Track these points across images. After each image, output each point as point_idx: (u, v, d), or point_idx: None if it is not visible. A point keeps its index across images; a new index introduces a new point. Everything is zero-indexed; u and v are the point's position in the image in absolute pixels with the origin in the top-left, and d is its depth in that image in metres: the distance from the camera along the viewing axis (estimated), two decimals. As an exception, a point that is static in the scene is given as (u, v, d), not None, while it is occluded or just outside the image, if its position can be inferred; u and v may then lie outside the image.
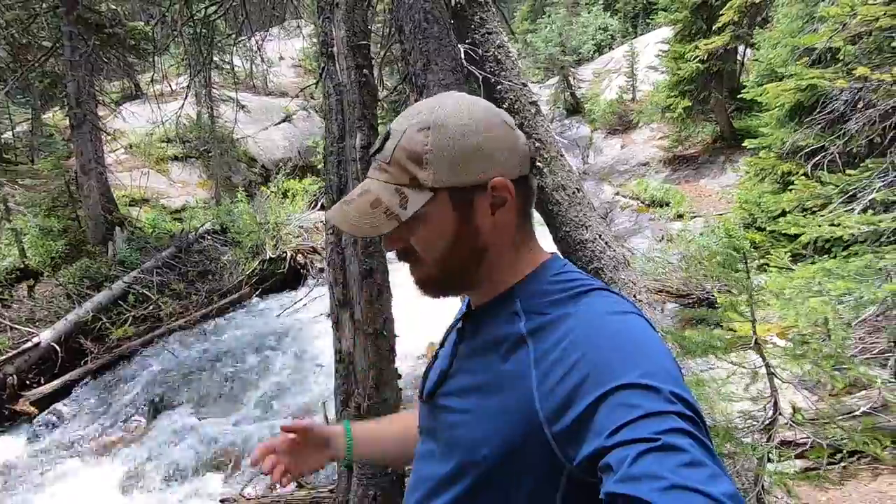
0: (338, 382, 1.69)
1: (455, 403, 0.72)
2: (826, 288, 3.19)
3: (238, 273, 7.97)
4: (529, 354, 0.64)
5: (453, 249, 0.69)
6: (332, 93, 1.78)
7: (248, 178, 11.96)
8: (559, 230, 3.50)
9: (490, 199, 0.68)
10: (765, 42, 8.04)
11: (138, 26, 8.31)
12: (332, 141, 1.77)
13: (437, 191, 0.66)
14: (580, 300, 0.66)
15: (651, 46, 15.60)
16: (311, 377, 5.85)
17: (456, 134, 0.66)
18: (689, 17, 10.89)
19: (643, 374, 0.54)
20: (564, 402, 0.57)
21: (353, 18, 1.87)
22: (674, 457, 0.48)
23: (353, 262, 1.67)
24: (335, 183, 1.74)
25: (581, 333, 0.61)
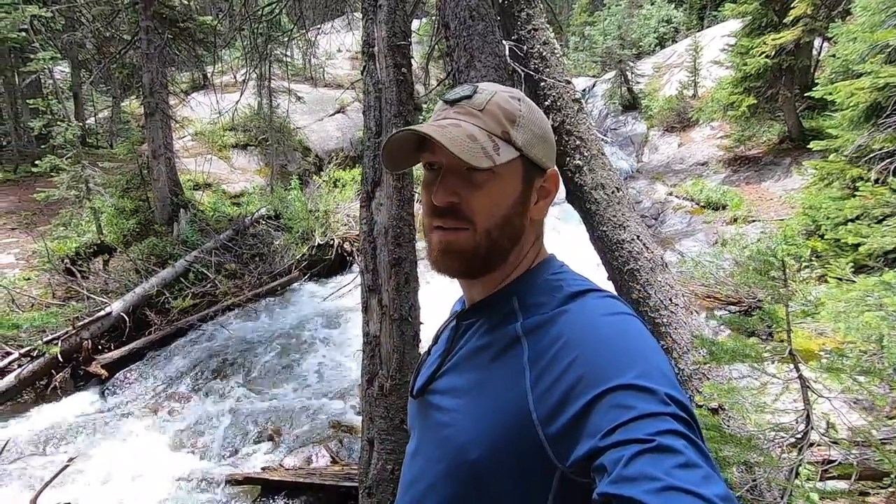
0: (364, 363, 1.80)
1: (446, 402, 0.71)
2: (883, 302, 3.01)
3: (288, 257, 8.35)
4: (524, 355, 0.63)
5: (507, 222, 0.69)
6: (371, 90, 1.89)
7: (302, 167, 12.44)
8: (596, 229, 3.48)
9: (541, 187, 0.71)
10: (842, 37, 7.48)
11: (207, 20, 8.80)
12: (370, 136, 1.87)
13: (521, 154, 0.68)
14: (575, 301, 0.66)
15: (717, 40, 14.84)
16: (351, 360, 6.09)
17: (537, 114, 0.71)
18: (760, 10, 10.28)
19: (638, 375, 0.54)
20: (559, 403, 0.57)
21: (394, 19, 1.95)
22: (668, 458, 0.48)
23: (384, 251, 1.78)
24: (370, 176, 1.84)
25: (576, 334, 0.61)
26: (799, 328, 2.35)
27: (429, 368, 0.79)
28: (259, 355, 6.19)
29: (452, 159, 0.66)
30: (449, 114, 0.71)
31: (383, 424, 1.71)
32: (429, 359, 0.82)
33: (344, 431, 4.76)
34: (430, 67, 7.76)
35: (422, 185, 0.75)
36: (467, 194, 0.68)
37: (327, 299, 7.75)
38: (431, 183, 0.70)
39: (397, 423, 1.71)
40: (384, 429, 1.71)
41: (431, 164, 0.71)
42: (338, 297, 7.82)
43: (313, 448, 4.48)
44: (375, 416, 1.73)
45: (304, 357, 6.21)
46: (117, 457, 4.41)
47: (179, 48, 8.88)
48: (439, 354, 0.78)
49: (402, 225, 1.80)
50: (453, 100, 0.71)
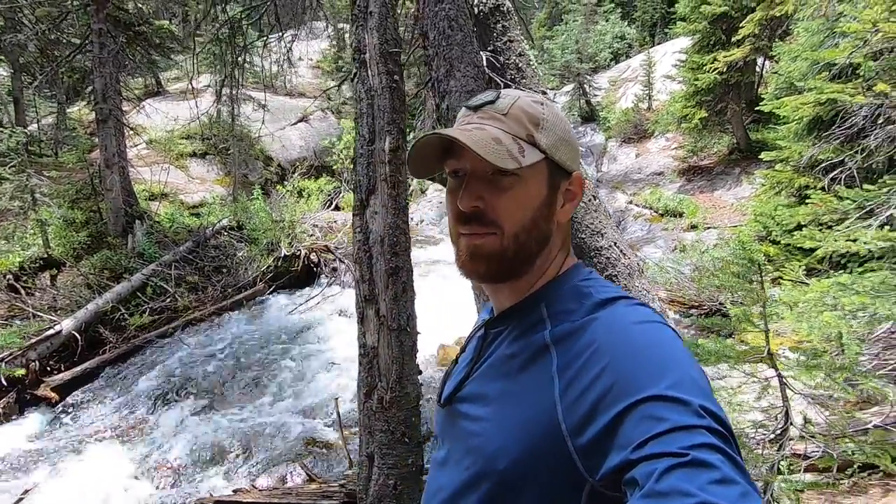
0: (361, 375, 1.75)
1: (474, 411, 0.70)
2: (840, 302, 3.20)
3: (253, 269, 8.10)
4: (553, 364, 0.62)
5: (534, 225, 0.68)
6: (363, 97, 1.86)
7: (264, 177, 12.14)
8: (574, 236, 3.55)
9: (566, 190, 0.71)
10: (784, 55, 8.01)
11: (164, 25, 8.50)
12: (363, 143, 1.84)
13: (546, 157, 0.68)
14: (605, 308, 0.64)
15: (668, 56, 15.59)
16: (323, 374, 5.93)
17: (561, 118, 0.71)
18: (709, 28, 10.89)
19: (670, 385, 0.52)
20: (588, 414, 0.56)
21: (386, 26, 1.94)
22: (703, 473, 0.46)
23: (380, 261, 1.74)
24: (364, 184, 1.81)
25: (606, 343, 0.59)
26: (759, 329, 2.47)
27: (457, 376, 0.78)
28: (224, 372, 5.94)
29: (478, 162, 0.66)
30: (472, 119, 0.71)
31: (384, 438, 1.66)
32: (456, 367, 0.81)
33: (319, 447, 4.61)
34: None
35: (447, 192, 0.74)
36: (493, 199, 0.68)
37: (295, 312, 7.55)
38: (456, 189, 0.70)
39: (398, 436, 1.67)
40: (385, 443, 1.66)
41: (456, 171, 0.71)
42: (306, 310, 7.63)
43: (287, 466, 4.31)
44: (375, 429, 1.68)
45: (272, 372, 6.00)
46: (72, 487, 4.10)
47: (134, 52, 8.52)
48: (467, 362, 0.77)
49: (398, 233, 1.77)
50: (477, 105, 0.72)
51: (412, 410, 1.71)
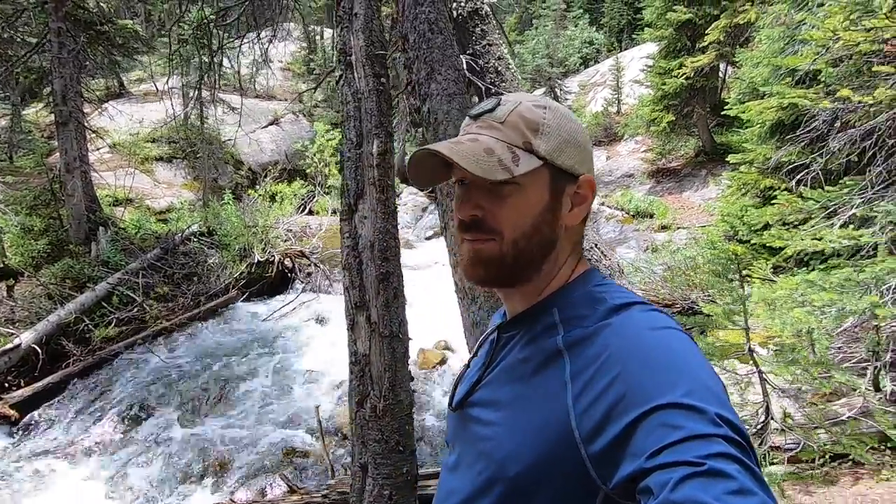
0: (353, 384, 1.71)
1: (486, 415, 0.69)
2: (810, 299, 3.33)
3: (225, 276, 7.88)
4: (566, 369, 0.61)
5: (535, 231, 0.68)
6: (349, 100, 1.82)
7: (234, 181, 11.86)
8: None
9: (572, 194, 0.70)
10: (747, 61, 8.32)
11: (128, 24, 8.21)
12: (350, 147, 1.81)
13: (545, 162, 0.67)
14: (620, 313, 0.64)
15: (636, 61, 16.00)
16: (300, 382, 5.81)
17: (565, 121, 0.70)
18: (674, 35, 11.22)
19: (686, 393, 0.52)
20: (602, 421, 0.55)
21: (371, 28, 1.92)
22: (720, 483, 0.45)
23: (370, 266, 1.71)
24: (353, 188, 1.78)
25: (620, 348, 0.59)
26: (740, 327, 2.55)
27: (469, 381, 0.77)
28: (197, 383, 5.74)
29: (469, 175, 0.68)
30: (472, 128, 0.71)
31: (378, 448, 1.63)
32: (468, 371, 0.80)
33: (299, 457, 4.51)
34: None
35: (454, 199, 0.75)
36: (492, 207, 0.68)
37: (269, 319, 7.38)
38: (460, 198, 0.71)
39: (393, 445, 1.63)
40: (379, 452, 1.62)
41: (461, 179, 0.71)
42: (281, 317, 7.47)
43: (267, 478, 4.20)
44: (369, 439, 1.64)
45: (247, 382, 5.84)
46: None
47: (95, 53, 8.19)
48: (479, 367, 0.76)
49: (388, 238, 1.74)
50: (476, 114, 0.72)
51: (406, 418, 1.68)
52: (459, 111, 3.35)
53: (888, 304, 3.18)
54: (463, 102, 3.37)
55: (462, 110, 3.32)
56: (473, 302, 3.39)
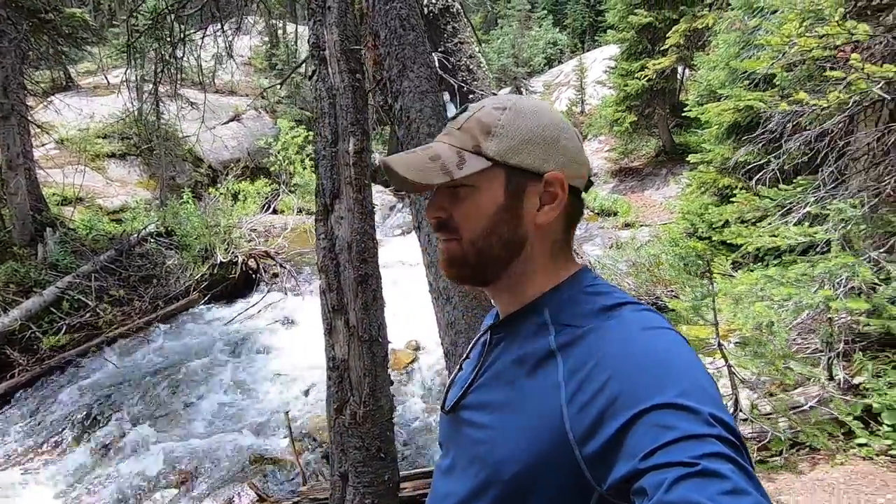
0: (331, 390, 1.65)
1: (479, 418, 0.69)
2: (769, 294, 3.47)
3: (185, 278, 7.57)
4: (559, 370, 0.61)
5: (492, 231, 0.68)
6: (324, 96, 1.76)
7: (193, 179, 11.42)
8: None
9: (541, 192, 0.68)
10: (704, 64, 8.62)
11: (76, 13, 7.75)
12: (325, 145, 1.74)
13: (495, 163, 0.67)
14: (612, 314, 0.63)
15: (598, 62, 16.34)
16: (268, 386, 5.65)
17: (529, 119, 0.68)
18: (636, 38, 11.53)
19: (679, 393, 0.52)
20: (595, 422, 0.55)
21: (346, 22, 1.85)
22: (714, 483, 0.45)
23: (348, 269, 1.65)
24: (328, 188, 1.71)
25: (613, 349, 0.58)
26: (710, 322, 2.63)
27: (461, 383, 0.76)
28: (157, 390, 5.49)
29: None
30: (439, 136, 0.74)
31: (358, 456, 1.57)
32: (461, 373, 0.79)
33: (269, 464, 4.37)
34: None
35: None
36: (453, 208, 0.70)
37: (234, 322, 7.14)
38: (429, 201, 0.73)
39: (374, 451, 1.58)
40: (360, 460, 1.57)
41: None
42: (246, 319, 7.24)
43: (234, 487, 4.05)
44: (349, 447, 1.59)
45: (210, 387, 5.63)
46: (-21, 531, 3.62)
47: (40, 42, 7.70)
48: (472, 369, 0.75)
49: (366, 239, 1.69)
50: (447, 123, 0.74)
51: (387, 424, 1.64)
52: (432, 109, 3.31)
53: (840, 297, 3.35)
54: (436, 100, 3.34)
55: (435, 108, 3.28)
56: (448, 302, 3.36)
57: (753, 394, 2.76)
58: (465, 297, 3.24)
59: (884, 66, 2.99)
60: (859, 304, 2.99)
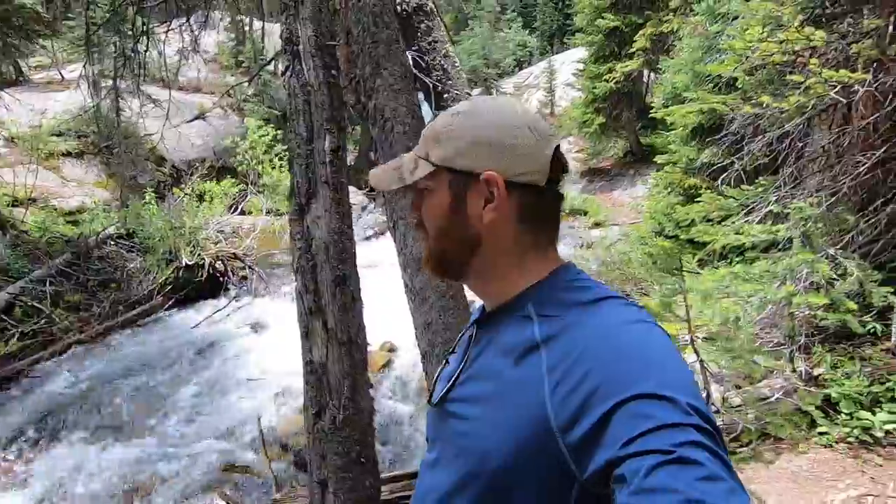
0: (310, 395, 1.60)
1: (464, 410, 0.70)
2: (735, 290, 3.59)
3: (149, 282, 7.29)
4: (542, 362, 0.62)
5: (446, 230, 0.73)
6: (298, 93, 1.71)
7: (156, 179, 11.01)
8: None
9: (484, 193, 0.69)
10: (669, 68, 8.87)
11: (26, 4, 7.37)
12: (300, 143, 1.69)
13: (437, 168, 0.71)
14: (594, 307, 0.65)
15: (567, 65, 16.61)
16: (237, 392, 5.49)
17: (475, 123, 0.70)
18: (604, 41, 11.76)
19: (658, 384, 0.53)
20: (577, 412, 0.56)
21: (321, 17, 1.81)
22: (690, 470, 0.47)
23: (325, 269, 1.60)
24: (304, 187, 1.66)
25: (595, 341, 0.60)
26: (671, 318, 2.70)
27: (447, 377, 0.78)
28: (121, 398, 5.26)
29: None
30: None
31: (339, 462, 1.53)
32: (447, 367, 0.81)
33: (239, 472, 4.25)
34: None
35: None
36: (421, 210, 0.76)
37: (200, 326, 6.92)
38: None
39: (354, 457, 1.54)
40: (340, 466, 1.53)
41: None
42: (213, 324, 7.03)
43: (204, 497, 3.92)
44: (329, 452, 1.54)
45: (177, 394, 5.43)
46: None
47: (-13, 34, 7.27)
48: (458, 363, 0.77)
49: (344, 239, 1.64)
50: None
51: (367, 428, 1.60)
52: (407, 108, 3.27)
53: (801, 293, 3.50)
54: (411, 100, 3.30)
55: (409, 107, 3.25)
56: (424, 302, 3.33)
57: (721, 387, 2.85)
58: (442, 297, 3.21)
59: (839, 71, 3.13)
60: (819, 298, 3.13)
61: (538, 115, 0.75)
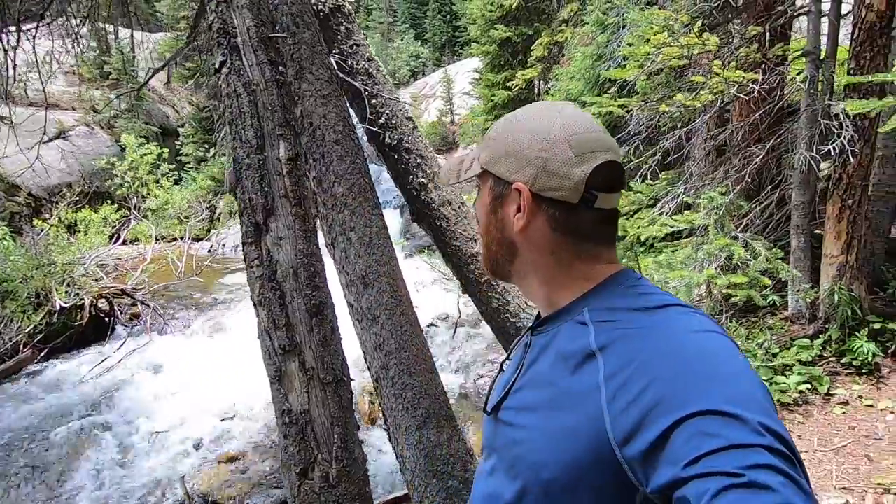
0: (291, 450, 1.31)
1: (519, 419, 0.69)
2: (665, 277, 3.80)
3: (11, 332, 6.08)
4: (599, 371, 0.59)
5: (487, 229, 0.75)
6: (241, 93, 1.42)
7: (8, 210, 9.36)
8: (449, 245, 3.50)
9: (516, 200, 0.70)
10: (563, 75, 9.43)
11: None
12: (248, 151, 1.41)
13: (483, 170, 0.73)
14: (656, 314, 0.62)
15: (462, 74, 17.08)
16: (146, 449, 4.73)
17: (512, 131, 0.71)
18: (498, 50, 12.24)
19: (726, 399, 0.50)
20: (637, 425, 0.53)
21: (259, 5, 1.54)
22: (761, 496, 0.43)
23: (297, 299, 1.34)
24: (259, 202, 1.37)
25: (658, 350, 0.57)
26: None
27: (502, 384, 0.76)
28: (-12, 482, 4.27)
29: None
30: None
31: (338, 525, 1.28)
32: (502, 375, 0.80)
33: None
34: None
35: None
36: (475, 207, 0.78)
37: (87, 378, 5.90)
38: None
39: (355, 516, 1.30)
40: (340, 530, 1.28)
41: None
42: (103, 372, 6.03)
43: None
44: (324, 516, 1.28)
45: (71, 465, 4.54)
46: None
47: None
48: (512, 370, 0.76)
49: (315, 262, 1.39)
50: None
51: (364, 480, 1.35)
52: (337, 114, 3.04)
53: (719, 275, 3.81)
54: (340, 105, 3.07)
55: (340, 113, 3.02)
56: (374, 322, 3.09)
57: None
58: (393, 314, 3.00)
59: (736, 72, 3.46)
60: (739, 278, 3.41)
61: (588, 127, 0.69)
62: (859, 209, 3.59)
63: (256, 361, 2.22)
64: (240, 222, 1.37)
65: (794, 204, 4.01)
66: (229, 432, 4.96)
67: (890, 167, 4.08)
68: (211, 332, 7.14)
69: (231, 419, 5.22)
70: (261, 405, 5.34)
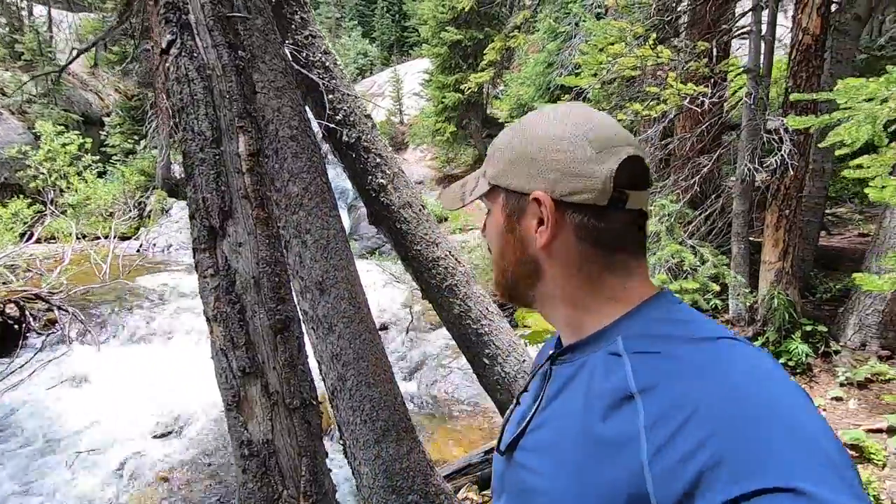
0: (250, 487, 1.13)
1: (539, 464, 0.60)
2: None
3: None
4: (639, 417, 0.50)
5: (503, 252, 0.67)
6: (193, 77, 1.23)
7: None
8: (410, 249, 3.39)
9: (537, 213, 0.62)
10: (514, 80, 9.55)
11: None
12: (202, 145, 1.22)
13: (493, 186, 0.66)
14: (704, 350, 0.53)
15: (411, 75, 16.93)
16: (70, 473, 4.24)
17: (524, 137, 0.64)
18: (449, 53, 12.23)
19: (807, 473, 0.42)
20: (688, 489, 0.45)
21: (215, -20, 1.35)
22: None
23: (259, 313, 1.17)
24: (215, 203, 1.19)
25: (712, 398, 0.48)
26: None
27: (518, 419, 0.68)
28: None
29: None
30: None
31: (307, 569, 1.12)
32: (518, 408, 0.70)
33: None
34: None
35: None
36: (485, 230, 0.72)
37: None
38: None
39: (327, 557, 1.14)
40: (310, 575, 1.12)
41: None
42: (12, 387, 5.37)
43: None
44: (292, 560, 1.11)
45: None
46: None
47: None
48: (530, 404, 0.67)
49: (280, 271, 1.22)
50: None
51: (335, 513, 1.21)
52: (292, 108, 2.86)
53: (671, 281, 3.93)
54: (296, 99, 2.90)
55: (295, 108, 2.83)
56: (331, 331, 2.94)
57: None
58: (351, 322, 2.84)
59: (688, 84, 3.59)
60: (692, 283, 3.52)
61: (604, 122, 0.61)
62: (795, 219, 3.82)
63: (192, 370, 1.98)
64: (190, 225, 1.19)
65: (735, 212, 4.22)
66: (163, 450, 4.56)
67: (818, 180, 4.39)
68: (141, 339, 6.59)
69: (165, 436, 4.80)
70: (197, 418, 4.96)
